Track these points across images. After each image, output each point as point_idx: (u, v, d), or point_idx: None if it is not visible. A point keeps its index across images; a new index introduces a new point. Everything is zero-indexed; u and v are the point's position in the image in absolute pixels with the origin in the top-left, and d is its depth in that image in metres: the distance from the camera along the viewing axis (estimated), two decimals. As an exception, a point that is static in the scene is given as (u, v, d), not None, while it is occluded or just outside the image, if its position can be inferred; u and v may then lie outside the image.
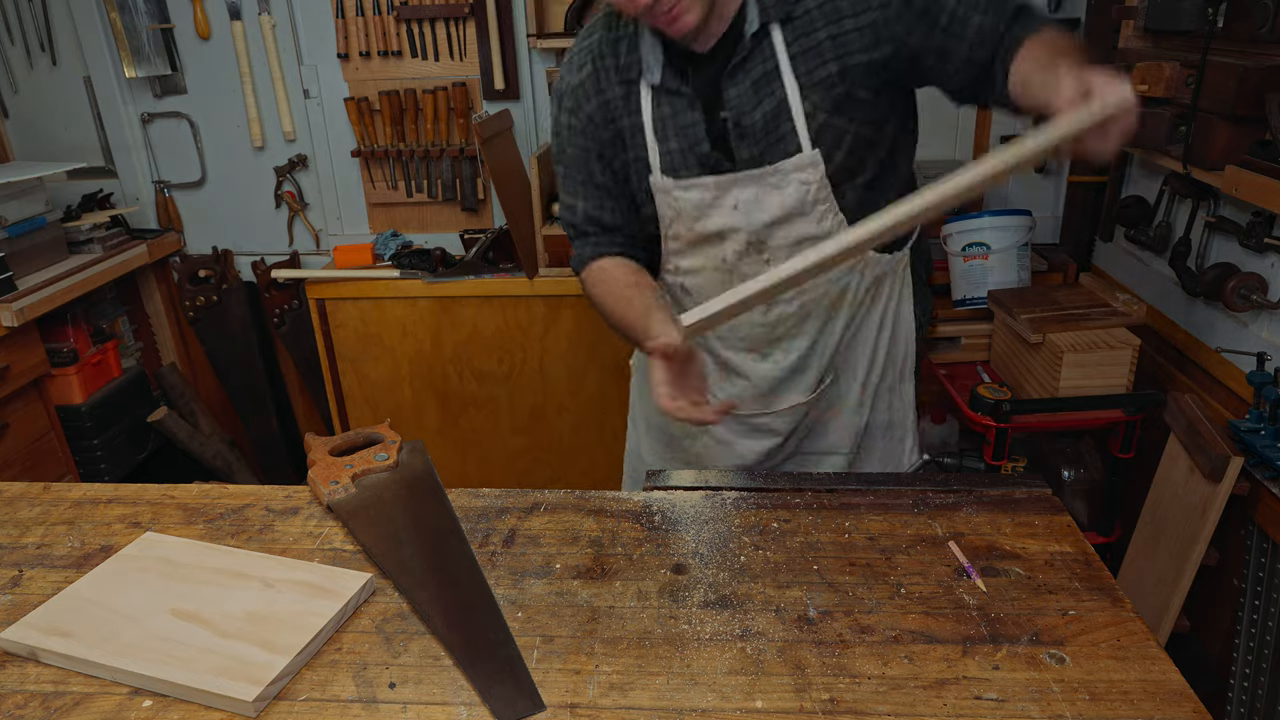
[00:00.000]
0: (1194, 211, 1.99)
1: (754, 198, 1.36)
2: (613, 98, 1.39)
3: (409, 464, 1.32)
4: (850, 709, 0.88)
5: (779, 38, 1.30)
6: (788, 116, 1.31)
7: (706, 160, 1.36)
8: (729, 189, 1.37)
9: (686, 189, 1.38)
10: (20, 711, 0.92)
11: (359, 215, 2.99)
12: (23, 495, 1.33)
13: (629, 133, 1.40)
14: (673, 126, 1.37)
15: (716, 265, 1.45)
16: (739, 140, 1.34)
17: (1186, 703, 0.88)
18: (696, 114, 1.35)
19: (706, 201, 1.38)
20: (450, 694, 0.92)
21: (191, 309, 3.04)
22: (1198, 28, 1.83)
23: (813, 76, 1.30)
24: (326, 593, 1.04)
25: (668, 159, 1.38)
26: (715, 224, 1.40)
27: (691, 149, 1.36)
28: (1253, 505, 1.74)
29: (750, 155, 1.34)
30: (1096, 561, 1.09)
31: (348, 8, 2.71)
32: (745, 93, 1.32)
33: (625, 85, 1.38)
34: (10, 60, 2.87)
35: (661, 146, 1.38)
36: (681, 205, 1.40)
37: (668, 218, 1.43)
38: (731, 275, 1.44)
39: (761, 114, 1.32)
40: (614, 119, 1.40)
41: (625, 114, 1.39)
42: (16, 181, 2.48)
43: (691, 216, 1.41)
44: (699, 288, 1.49)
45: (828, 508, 1.22)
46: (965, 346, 2.36)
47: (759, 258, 1.41)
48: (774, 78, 1.31)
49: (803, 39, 1.30)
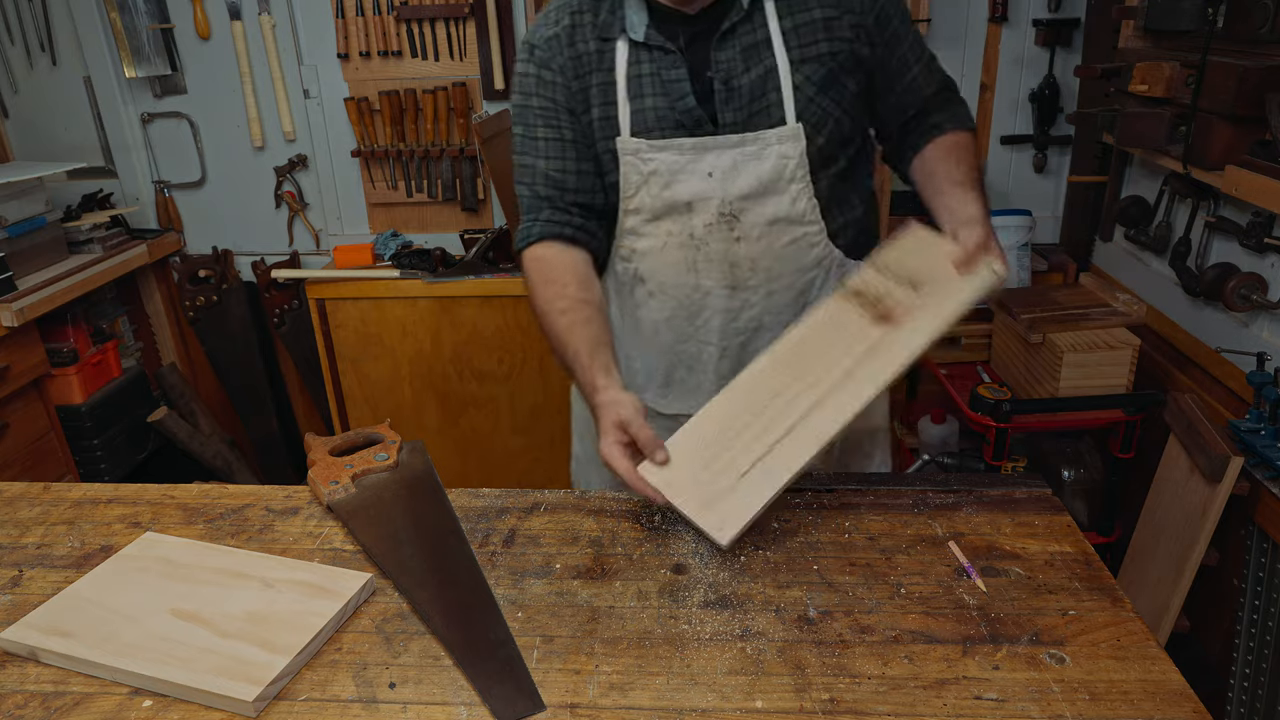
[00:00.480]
0: (1194, 211, 1.99)
1: (731, 165, 1.31)
2: (585, 52, 1.34)
3: (409, 464, 1.32)
4: (850, 709, 0.88)
5: (771, 9, 1.30)
6: (776, 86, 1.30)
7: (688, 118, 1.31)
8: (705, 153, 1.32)
9: (660, 149, 1.32)
10: (20, 711, 0.92)
11: (359, 215, 2.99)
12: (23, 495, 1.33)
13: (597, 90, 1.34)
14: (651, 83, 1.31)
15: (682, 241, 1.37)
16: (724, 103, 1.30)
17: (1186, 703, 0.88)
18: (683, 71, 1.30)
19: (679, 165, 1.32)
20: (450, 694, 0.92)
21: (191, 309, 3.04)
22: (1198, 28, 1.83)
23: (804, 52, 1.30)
24: (326, 593, 1.04)
25: (640, 117, 1.32)
26: (686, 191, 1.33)
27: (673, 105, 1.31)
28: (1253, 505, 1.74)
29: (734, 119, 1.31)
30: (1096, 561, 1.09)
31: (348, 8, 2.71)
32: (735, 57, 1.30)
33: (601, 41, 1.33)
34: (10, 60, 2.88)
35: (634, 105, 1.32)
36: (653, 168, 1.33)
37: (634, 183, 1.35)
38: (697, 253, 1.37)
39: (750, 79, 1.30)
40: (584, 74, 1.34)
41: (597, 69, 1.34)
42: (16, 181, 2.48)
43: (661, 181, 1.33)
44: (655, 271, 1.41)
45: (827, 507, 1.22)
46: (965, 346, 2.36)
47: (729, 234, 1.35)
48: (765, 47, 1.30)
49: (796, 14, 1.30)
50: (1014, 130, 2.68)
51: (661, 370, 1.48)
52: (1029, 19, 2.55)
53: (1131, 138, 2.02)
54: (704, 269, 1.37)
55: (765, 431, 1.15)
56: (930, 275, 1.22)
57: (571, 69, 1.35)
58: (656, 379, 1.49)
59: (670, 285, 1.40)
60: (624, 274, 1.44)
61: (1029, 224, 2.34)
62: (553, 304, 1.30)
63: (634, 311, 1.46)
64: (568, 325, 1.28)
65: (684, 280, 1.39)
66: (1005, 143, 2.68)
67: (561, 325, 1.28)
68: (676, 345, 1.45)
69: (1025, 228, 2.32)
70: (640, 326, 1.46)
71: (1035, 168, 2.69)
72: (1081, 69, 2.31)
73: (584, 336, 1.26)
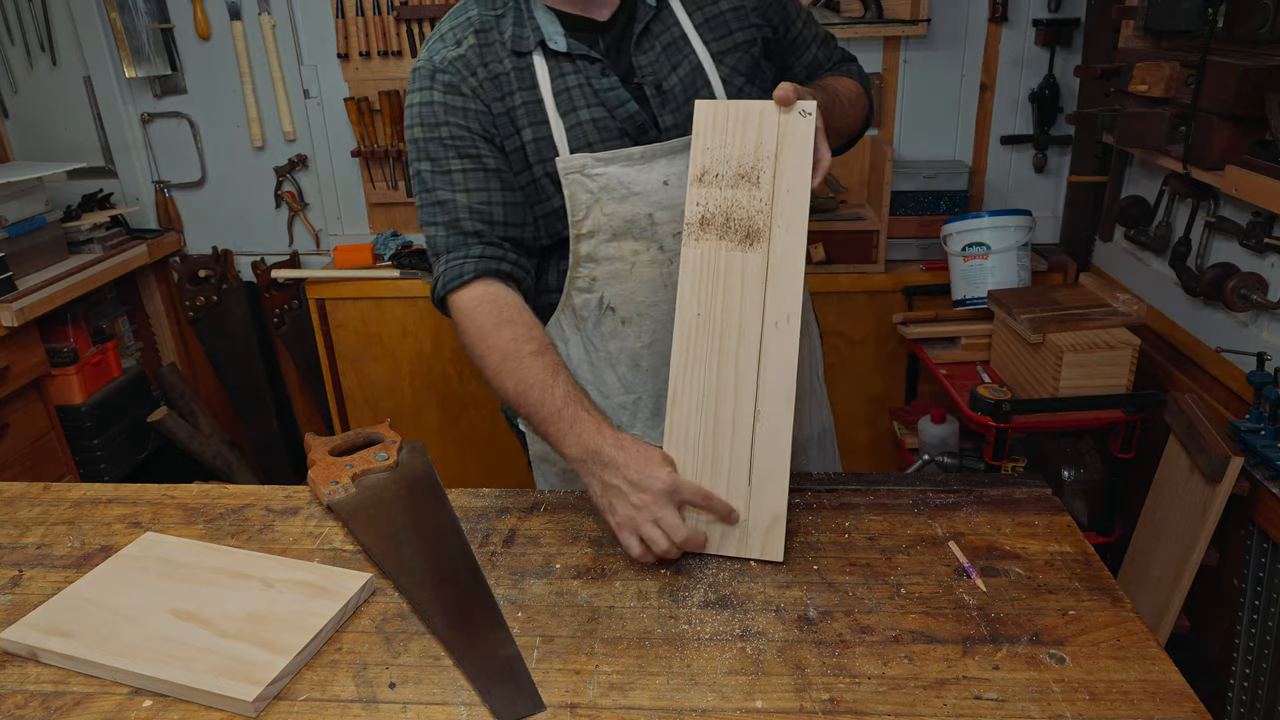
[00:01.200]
0: (1194, 211, 1.99)
1: (685, 170, 1.23)
2: (501, 72, 1.22)
3: (409, 464, 1.32)
4: (850, 709, 0.88)
5: (678, 6, 1.28)
6: (705, 81, 1.27)
7: (631, 125, 1.23)
8: (655, 161, 1.24)
9: (607, 162, 1.22)
10: (20, 711, 0.92)
11: (359, 215, 2.99)
12: (23, 495, 1.33)
13: (525, 110, 1.23)
14: (583, 95, 1.23)
15: (652, 258, 1.27)
16: (660, 106, 1.25)
17: (1186, 703, 0.88)
18: (614, 78, 1.23)
19: (631, 177, 1.23)
20: (450, 694, 0.92)
21: (191, 309, 3.04)
22: (1198, 28, 1.83)
23: (721, 45, 1.29)
24: (326, 593, 1.04)
25: (578, 132, 1.22)
26: (645, 205, 1.24)
27: (613, 113, 1.23)
28: (1253, 505, 1.74)
29: (675, 121, 1.25)
30: (1096, 561, 1.09)
31: (348, 8, 2.71)
32: (658, 58, 1.26)
33: (516, 57, 1.23)
34: (10, 60, 2.87)
35: (569, 120, 1.22)
36: (603, 183, 1.23)
37: (583, 203, 1.24)
38: (670, 266, 1.27)
39: (679, 78, 1.26)
40: (504, 95, 1.23)
41: (518, 89, 1.22)
42: (16, 181, 2.48)
43: (617, 196, 1.23)
44: (628, 296, 1.29)
45: (827, 507, 1.22)
46: (965, 346, 2.36)
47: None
48: (684, 44, 1.27)
49: (705, 8, 1.29)
50: (1014, 130, 2.68)
51: (650, 400, 1.36)
52: (1029, 19, 2.55)
53: (1131, 138, 2.02)
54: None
55: (738, 425, 1.11)
56: (755, 153, 1.13)
57: (488, 91, 1.23)
58: (645, 410, 1.37)
59: (646, 306, 1.30)
60: (585, 306, 1.31)
61: (1029, 224, 2.34)
62: (520, 346, 1.16)
63: (605, 345, 1.34)
64: (549, 368, 1.15)
65: (661, 298, 1.29)
66: (1005, 143, 2.68)
67: (539, 367, 1.15)
68: (662, 369, 1.32)
69: (1025, 228, 2.32)
70: (616, 360, 1.34)
71: (1035, 168, 2.69)
72: (1081, 69, 2.31)
73: (570, 379, 1.16)
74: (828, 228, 2.51)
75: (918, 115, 2.71)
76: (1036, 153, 2.67)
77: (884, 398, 2.71)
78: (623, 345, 1.34)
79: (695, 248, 1.14)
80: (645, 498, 1.05)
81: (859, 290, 2.56)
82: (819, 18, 2.55)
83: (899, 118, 2.71)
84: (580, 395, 1.14)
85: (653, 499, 1.05)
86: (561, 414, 1.12)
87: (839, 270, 2.54)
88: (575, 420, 1.11)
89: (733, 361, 1.12)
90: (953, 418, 2.35)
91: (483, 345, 1.19)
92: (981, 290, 2.33)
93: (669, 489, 1.06)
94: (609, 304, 1.31)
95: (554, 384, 1.14)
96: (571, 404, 1.12)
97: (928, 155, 2.74)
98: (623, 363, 1.35)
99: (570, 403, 1.13)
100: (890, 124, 2.72)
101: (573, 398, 1.13)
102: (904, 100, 2.70)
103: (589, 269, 1.29)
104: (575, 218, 1.25)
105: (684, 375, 1.13)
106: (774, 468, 1.10)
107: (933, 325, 2.39)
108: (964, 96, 2.68)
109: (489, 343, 1.18)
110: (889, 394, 2.70)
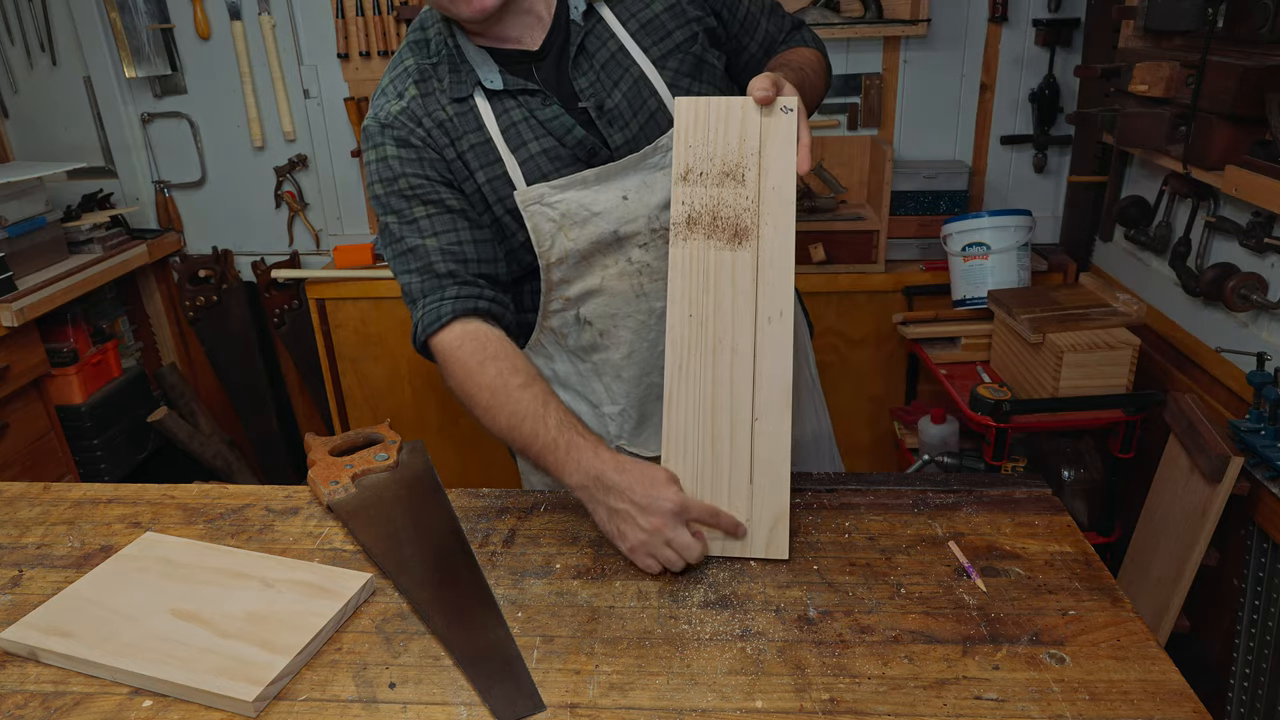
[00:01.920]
0: (1194, 211, 1.99)
1: (641, 182, 1.25)
2: (446, 119, 1.23)
3: (409, 464, 1.32)
4: (850, 709, 0.88)
5: (611, 17, 1.25)
6: (651, 92, 1.25)
7: (581, 150, 1.23)
8: (611, 180, 1.24)
9: (563, 189, 1.23)
10: (20, 711, 0.92)
11: (359, 215, 2.99)
12: (23, 495, 1.33)
13: (475, 152, 1.23)
14: (530, 129, 1.23)
15: (622, 270, 1.28)
16: (608, 126, 1.24)
17: (1186, 703, 0.88)
18: (555, 106, 1.22)
19: (589, 199, 1.24)
20: (450, 694, 0.92)
21: (191, 309, 3.04)
22: (1198, 28, 1.83)
23: (661, 48, 1.26)
24: (326, 593, 1.04)
25: (531, 165, 1.23)
26: (608, 223, 1.25)
27: (562, 141, 1.23)
28: (1253, 505, 1.74)
29: (625, 139, 1.24)
30: (1096, 561, 1.09)
31: (348, 8, 2.71)
32: (598, 78, 1.24)
33: (457, 103, 1.23)
34: (10, 60, 2.87)
35: (520, 155, 1.23)
36: (564, 209, 1.23)
37: (547, 233, 1.24)
38: (641, 277, 1.29)
39: (622, 93, 1.24)
40: (453, 141, 1.23)
41: (465, 133, 1.23)
42: (16, 181, 2.48)
43: (578, 220, 1.24)
44: (603, 310, 1.31)
45: (827, 508, 1.22)
46: (965, 346, 2.36)
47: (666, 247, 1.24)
48: (623, 56, 1.25)
49: (638, 14, 1.26)
50: (1014, 130, 2.68)
51: (634, 410, 1.39)
52: (1029, 19, 2.55)
53: (1131, 138, 2.02)
54: (652, 290, 1.30)
55: (735, 425, 1.11)
56: (739, 151, 1.12)
57: (436, 138, 1.23)
58: (629, 422, 1.40)
59: (621, 318, 1.32)
60: (564, 324, 1.34)
61: (1029, 224, 2.34)
62: (508, 380, 1.16)
63: (589, 357, 1.36)
64: (538, 398, 1.14)
65: (635, 309, 1.31)
66: (1005, 143, 2.68)
67: (528, 399, 1.14)
68: (643, 379, 1.36)
69: (1025, 228, 2.32)
70: (601, 371, 1.37)
71: (1035, 168, 2.69)
72: (1081, 69, 2.31)
73: (561, 407, 1.15)
74: (828, 228, 2.51)
75: (918, 115, 2.71)
76: (1036, 153, 2.67)
77: (884, 398, 2.71)
78: (605, 357, 1.36)
79: (683, 248, 1.12)
80: (655, 521, 1.05)
81: (859, 290, 2.56)
82: (819, 18, 2.56)
83: (899, 118, 2.71)
84: (573, 421, 1.14)
85: (663, 522, 1.05)
86: (557, 443, 1.11)
87: (839, 270, 2.54)
88: (571, 447, 1.11)
89: (728, 360, 1.11)
90: (953, 418, 2.35)
91: (469, 384, 1.18)
92: (981, 290, 2.33)
93: (677, 509, 1.06)
94: (586, 319, 1.32)
95: (545, 413, 1.13)
96: (566, 430, 1.12)
97: (928, 155, 2.74)
98: (606, 374, 1.37)
99: (565, 430, 1.12)
100: (890, 124, 2.72)
101: (566, 425, 1.12)
102: (904, 100, 2.70)
103: (562, 290, 1.30)
104: (542, 248, 1.26)
105: (679, 377, 1.12)
106: (775, 465, 1.10)
107: (933, 325, 2.39)
108: (964, 96, 2.68)
109: (475, 380, 1.18)
110: (889, 394, 2.70)
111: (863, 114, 2.71)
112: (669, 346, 1.13)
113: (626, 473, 1.07)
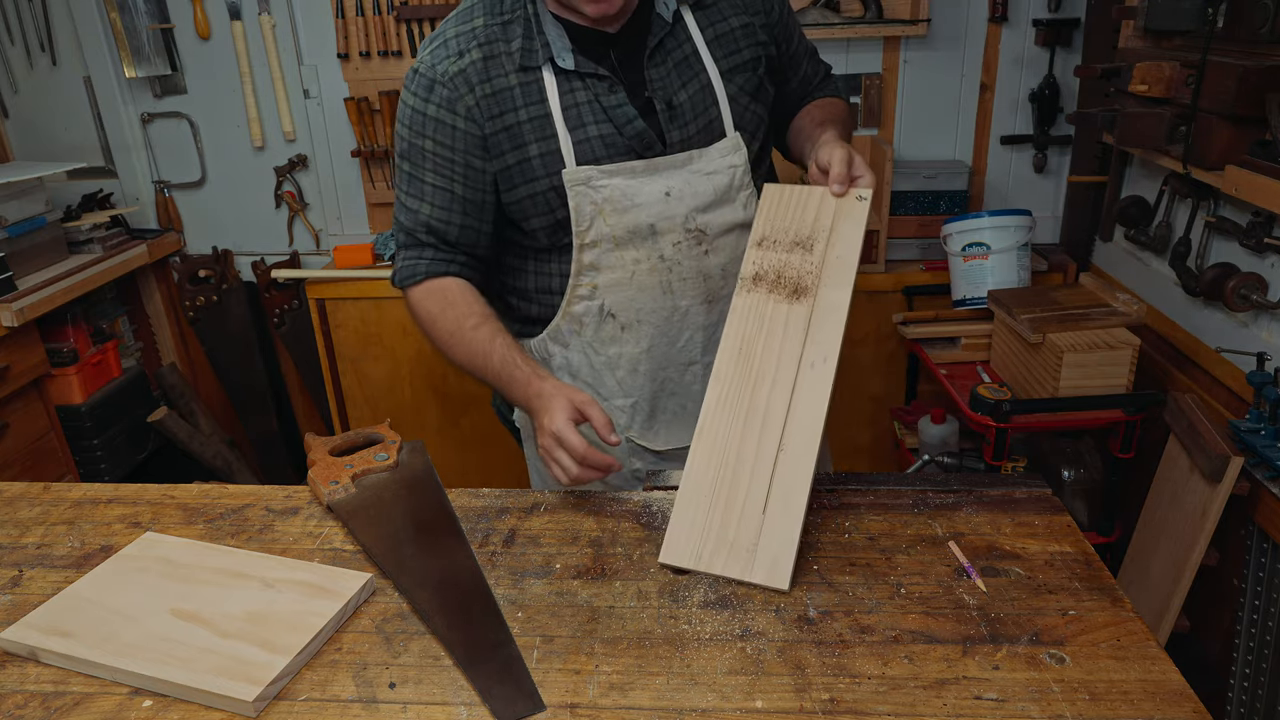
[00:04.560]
0: (1194, 211, 1.99)
1: (685, 182, 1.30)
2: (505, 87, 1.25)
3: (409, 464, 1.32)
4: (850, 709, 0.88)
5: (692, 21, 1.29)
6: (714, 100, 1.30)
7: (638, 142, 1.27)
8: (657, 174, 1.29)
9: (611, 175, 1.27)
10: (20, 711, 0.92)
11: (359, 215, 2.99)
12: (23, 495, 1.33)
13: (531, 125, 1.26)
14: (591, 111, 1.26)
15: (653, 265, 1.33)
16: (669, 122, 1.28)
17: (1186, 703, 0.88)
18: (621, 95, 1.26)
19: (634, 189, 1.28)
20: (450, 694, 0.92)
21: (191, 309, 3.04)
22: (1198, 28, 1.83)
23: (730, 62, 1.31)
24: (326, 593, 1.04)
25: (585, 147, 1.26)
26: (647, 214, 1.30)
27: (620, 129, 1.26)
28: (1253, 505, 1.74)
29: (682, 137, 1.29)
30: (1096, 561, 1.09)
31: (348, 8, 2.71)
32: (669, 74, 1.28)
33: (524, 73, 1.25)
34: (10, 60, 2.87)
35: (576, 135, 1.26)
36: (607, 194, 1.28)
37: (587, 214, 1.29)
38: (670, 274, 1.34)
39: (688, 95, 1.29)
40: (506, 111, 1.26)
41: (524, 105, 1.26)
42: (16, 181, 2.48)
43: (619, 208, 1.29)
44: (629, 302, 1.35)
45: (827, 507, 1.22)
46: (965, 346, 2.36)
47: (699, 249, 1.33)
48: (695, 60, 1.29)
49: (716, 25, 1.31)
50: (1014, 130, 2.68)
51: (646, 404, 1.43)
52: (1029, 19, 2.55)
53: (1131, 138, 2.02)
54: (679, 289, 1.35)
55: (760, 454, 1.13)
56: (812, 227, 1.22)
57: (486, 109, 1.26)
58: (641, 414, 1.43)
59: (646, 312, 1.36)
60: (586, 313, 1.37)
61: (1029, 224, 2.34)
62: (462, 322, 1.30)
63: (604, 350, 1.39)
64: (489, 334, 1.28)
65: (660, 305, 1.35)
66: (1005, 143, 2.68)
67: (482, 336, 1.28)
68: (659, 373, 1.41)
69: (1025, 228, 2.32)
70: (616, 364, 1.40)
71: (1035, 168, 2.69)
72: (1081, 69, 2.31)
73: (509, 343, 1.27)
74: (828, 228, 2.51)
75: (918, 115, 2.71)
76: (1036, 153, 2.67)
77: (884, 398, 2.71)
78: (621, 350, 1.39)
79: (745, 298, 1.21)
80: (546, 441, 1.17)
81: (859, 290, 2.52)
82: (819, 18, 2.56)
83: (899, 118, 2.72)
84: (514, 356, 1.26)
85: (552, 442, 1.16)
86: (500, 376, 1.27)
87: (839, 270, 2.54)
88: (513, 381, 1.25)
89: (766, 392, 1.15)
90: (953, 418, 2.35)
91: (432, 328, 1.35)
92: (981, 290, 2.33)
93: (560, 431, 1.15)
94: (609, 310, 1.36)
95: (490, 349, 1.27)
96: (508, 366, 1.25)
97: (928, 155, 2.74)
98: (621, 367, 1.40)
99: (506, 365, 1.26)
100: (890, 124, 2.72)
101: (508, 361, 1.26)
102: (904, 100, 2.70)
103: (591, 277, 1.35)
104: (579, 227, 1.31)
105: (718, 406, 1.17)
106: (791, 498, 1.10)
107: (933, 325, 2.39)
108: (964, 96, 2.68)
109: (437, 325, 1.34)
110: (889, 394, 2.70)
111: (863, 114, 2.71)
112: (713, 379, 1.18)
113: (541, 399, 1.20)
